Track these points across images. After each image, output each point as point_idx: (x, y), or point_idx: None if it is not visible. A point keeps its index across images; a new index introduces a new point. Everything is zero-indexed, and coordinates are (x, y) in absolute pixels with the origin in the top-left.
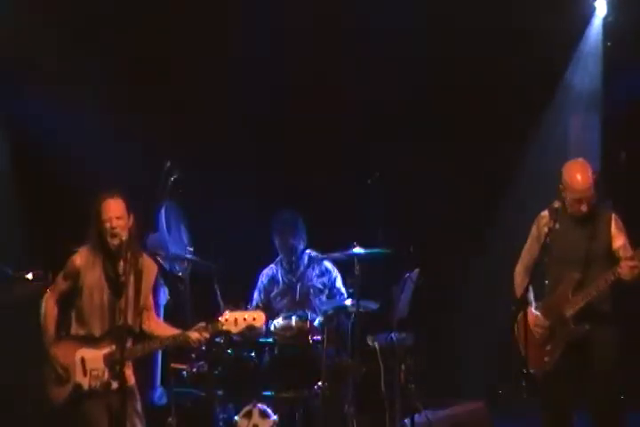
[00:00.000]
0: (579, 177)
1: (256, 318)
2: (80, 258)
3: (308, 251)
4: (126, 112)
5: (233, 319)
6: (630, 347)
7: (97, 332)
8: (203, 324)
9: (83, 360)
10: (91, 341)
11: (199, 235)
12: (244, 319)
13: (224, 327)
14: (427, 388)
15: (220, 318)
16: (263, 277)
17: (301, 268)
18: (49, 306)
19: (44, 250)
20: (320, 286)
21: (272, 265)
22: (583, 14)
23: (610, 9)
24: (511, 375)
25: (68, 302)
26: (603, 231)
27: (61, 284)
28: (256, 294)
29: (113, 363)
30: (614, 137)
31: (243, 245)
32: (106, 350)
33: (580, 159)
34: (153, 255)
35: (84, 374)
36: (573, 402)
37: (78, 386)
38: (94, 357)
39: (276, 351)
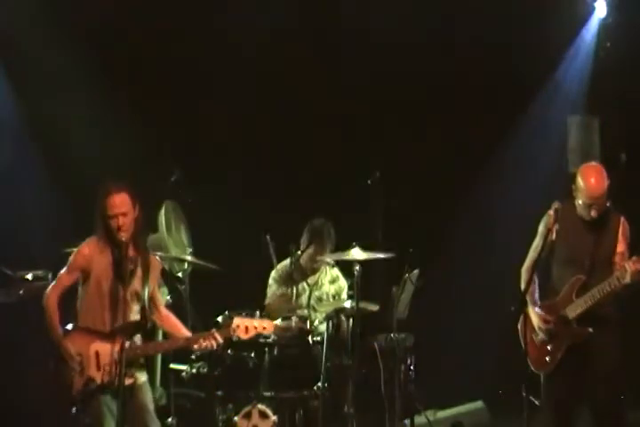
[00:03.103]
0: (593, 181)
1: (266, 327)
2: (88, 247)
3: None
4: (127, 112)
5: (244, 327)
6: (631, 347)
7: (107, 323)
8: (213, 331)
9: (97, 354)
10: (104, 334)
11: (200, 236)
12: (255, 327)
13: (235, 334)
14: (427, 388)
15: (231, 326)
16: (277, 275)
17: (317, 273)
18: (51, 304)
19: (44, 250)
20: (333, 291)
21: (285, 264)
22: (582, 14)
23: (609, 10)
24: (511, 375)
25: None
26: (610, 234)
27: (65, 279)
28: (274, 286)
29: (125, 358)
30: (614, 137)
31: (243, 245)
32: (119, 345)
33: (597, 164)
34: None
35: (98, 368)
36: (574, 402)
37: (91, 380)
38: (108, 351)
39: (275, 352)
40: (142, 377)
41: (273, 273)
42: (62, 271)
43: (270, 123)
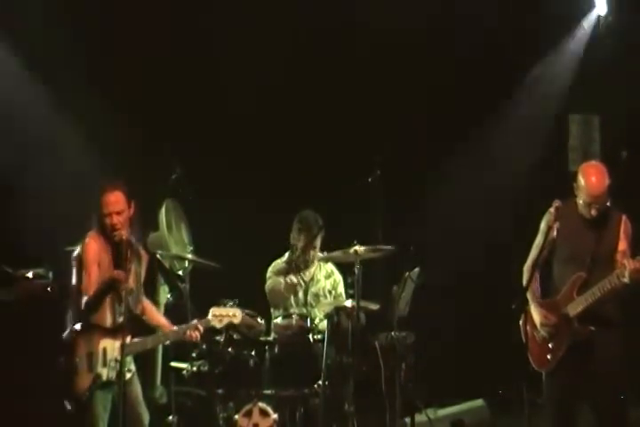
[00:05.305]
0: (594, 180)
1: (235, 315)
2: (95, 242)
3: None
4: (127, 111)
5: (219, 316)
6: (633, 345)
7: (108, 320)
8: (195, 322)
9: (104, 351)
10: (109, 330)
11: (200, 234)
12: (228, 316)
13: (212, 324)
14: (427, 387)
15: (208, 316)
16: (275, 268)
17: (311, 269)
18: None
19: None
20: (329, 286)
21: (280, 261)
22: (581, 10)
23: (610, 8)
24: (511, 375)
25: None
26: (611, 233)
27: (95, 275)
28: (273, 277)
29: (125, 354)
30: (614, 135)
31: (242, 244)
32: (122, 340)
33: (598, 163)
34: (153, 254)
35: (104, 365)
36: (575, 400)
37: (98, 377)
38: (113, 347)
39: (276, 350)
40: (133, 369)
41: (270, 268)
42: (87, 272)
43: (270, 122)
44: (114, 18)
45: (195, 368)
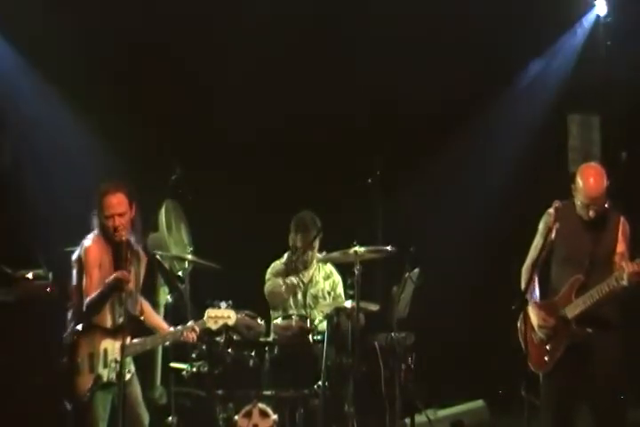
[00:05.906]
0: (592, 182)
1: (230, 316)
2: (96, 245)
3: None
4: (127, 111)
5: (214, 317)
6: (632, 347)
7: (108, 321)
8: (192, 323)
9: (105, 352)
10: (110, 331)
11: (200, 234)
12: (222, 317)
13: (207, 325)
14: (427, 387)
15: (204, 318)
16: (274, 270)
17: (310, 270)
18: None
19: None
20: (328, 288)
21: (279, 262)
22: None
23: (610, 8)
24: (511, 374)
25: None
26: (610, 234)
27: (97, 278)
28: (272, 279)
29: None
30: (614, 136)
31: (242, 244)
32: (122, 341)
33: (596, 164)
34: (153, 255)
35: (105, 366)
36: (573, 402)
37: (99, 377)
38: (113, 348)
39: (276, 351)
40: (133, 369)
41: (269, 270)
42: (89, 274)
43: (271, 122)
44: (114, 17)
45: (194, 369)
